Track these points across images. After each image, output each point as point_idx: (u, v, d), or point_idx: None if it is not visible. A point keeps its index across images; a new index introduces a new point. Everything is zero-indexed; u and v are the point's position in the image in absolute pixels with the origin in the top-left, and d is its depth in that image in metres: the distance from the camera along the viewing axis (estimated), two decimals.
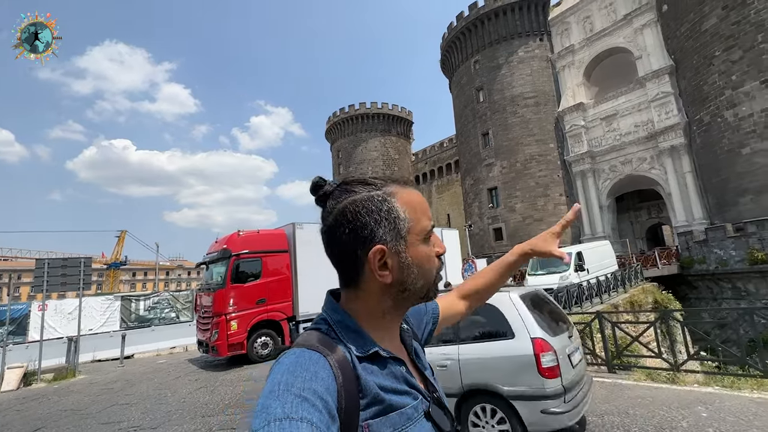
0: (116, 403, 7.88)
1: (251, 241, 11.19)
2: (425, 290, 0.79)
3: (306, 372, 0.63)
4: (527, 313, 4.04)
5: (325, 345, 0.71)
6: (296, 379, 0.61)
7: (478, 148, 38.04)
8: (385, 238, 0.74)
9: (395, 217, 0.75)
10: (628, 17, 30.08)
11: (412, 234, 0.76)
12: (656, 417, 4.54)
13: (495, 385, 3.89)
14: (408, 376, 0.78)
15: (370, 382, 0.70)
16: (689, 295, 22.84)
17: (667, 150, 27.26)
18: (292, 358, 0.67)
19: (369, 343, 0.75)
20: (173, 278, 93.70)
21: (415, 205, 0.78)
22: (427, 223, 0.79)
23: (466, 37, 39.99)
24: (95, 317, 16.08)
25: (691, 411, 4.59)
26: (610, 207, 31.77)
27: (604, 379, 6.37)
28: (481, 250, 35.55)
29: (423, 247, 0.78)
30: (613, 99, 31.20)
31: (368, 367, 0.73)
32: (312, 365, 0.65)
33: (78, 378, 11.23)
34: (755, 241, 19.63)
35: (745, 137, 22.11)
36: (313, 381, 0.62)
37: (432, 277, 0.79)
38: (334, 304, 0.81)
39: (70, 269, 11.79)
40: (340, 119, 58.13)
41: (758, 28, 21.59)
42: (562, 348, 3.98)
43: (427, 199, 0.77)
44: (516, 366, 3.87)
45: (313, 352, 0.69)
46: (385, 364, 0.76)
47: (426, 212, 0.80)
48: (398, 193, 0.78)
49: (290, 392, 0.59)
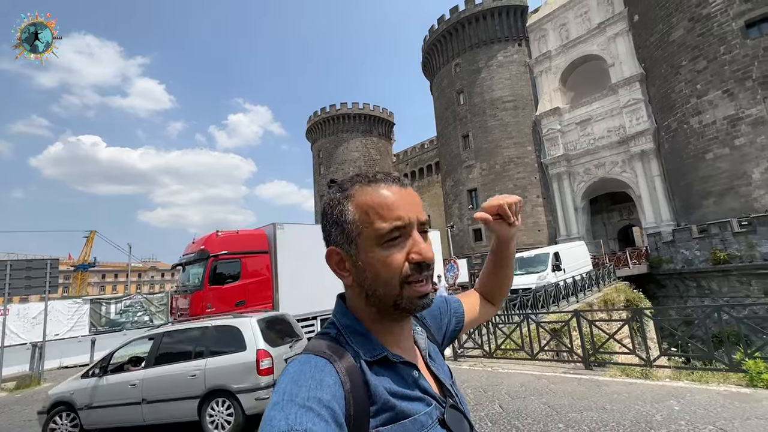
0: None
1: (230, 242, 10.94)
2: (391, 300, 0.71)
3: (311, 380, 0.61)
4: (258, 332, 5.66)
5: (333, 350, 0.69)
6: (300, 389, 0.60)
7: (459, 150, 38.56)
8: (338, 240, 0.74)
9: (343, 221, 0.73)
10: (602, 26, 31.22)
11: (363, 238, 0.71)
12: (632, 411, 4.70)
13: (228, 385, 5.38)
14: (421, 381, 0.74)
15: (379, 388, 0.68)
16: (658, 293, 23.86)
17: (637, 154, 28.41)
18: (297, 366, 0.65)
19: (378, 347, 0.73)
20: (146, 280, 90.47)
21: (370, 206, 0.71)
22: (383, 225, 0.69)
23: (447, 40, 40.48)
24: (62, 321, 15.27)
25: (665, 405, 4.78)
26: (585, 209, 32.83)
27: (582, 375, 6.56)
28: (462, 251, 36.02)
29: (378, 252, 0.70)
30: (587, 104, 32.28)
31: (378, 371, 0.70)
32: (317, 372, 0.63)
33: (43, 386, 10.65)
34: (718, 242, 20.70)
35: (708, 143, 23.30)
36: (319, 389, 0.60)
37: (393, 287, 0.70)
38: (343, 308, 0.79)
39: (34, 271, 11.18)
40: (321, 119, 57.67)
41: (721, 40, 22.82)
42: (280, 355, 5.67)
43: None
44: (243, 369, 5.42)
45: (319, 358, 0.67)
46: (395, 368, 0.73)
47: (386, 213, 0.70)
48: (356, 195, 0.73)
49: (294, 403, 0.57)
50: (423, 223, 0.75)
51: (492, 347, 8.66)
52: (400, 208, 0.71)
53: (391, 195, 0.73)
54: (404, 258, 0.70)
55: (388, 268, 0.70)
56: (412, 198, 0.75)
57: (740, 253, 19.71)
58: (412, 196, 0.76)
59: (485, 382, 6.74)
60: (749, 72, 21.65)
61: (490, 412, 5.18)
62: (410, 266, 0.70)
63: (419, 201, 0.77)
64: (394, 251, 0.70)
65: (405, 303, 0.71)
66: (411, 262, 0.70)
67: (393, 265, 0.70)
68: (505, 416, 4.98)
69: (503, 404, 5.46)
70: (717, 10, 22.99)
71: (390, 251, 0.70)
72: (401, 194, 0.74)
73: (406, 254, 0.70)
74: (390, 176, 0.77)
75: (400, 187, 0.75)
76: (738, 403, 4.56)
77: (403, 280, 0.70)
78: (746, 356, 5.39)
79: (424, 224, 0.75)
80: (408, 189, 0.77)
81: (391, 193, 0.73)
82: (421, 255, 0.70)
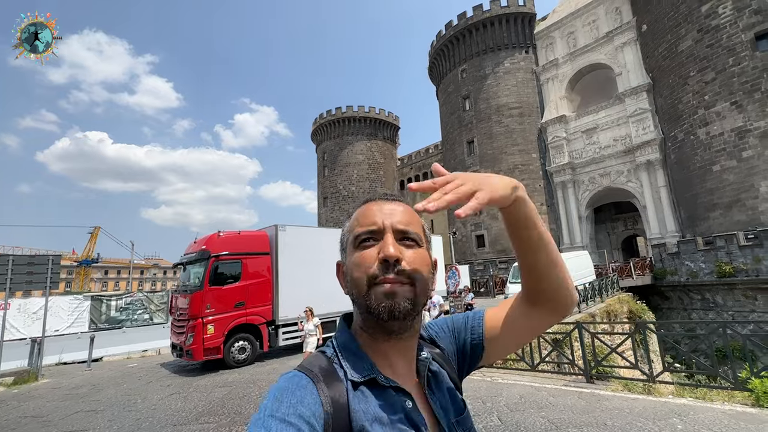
0: (81, 409, 7.48)
1: (231, 243, 10.93)
2: (363, 302, 0.71)
3: (292, 397, 0.63)
4: None
5: (322, 369, 0.70)
6: (281, 405, 0.61)
7: (463, 155, 38.50)
8: (341, 253, 0.82)
9: (341, 235, 0.82)
10: (610, 35, 31.15)
11: (348, 245, 0.78)
12: (633, 429, 4.59)
13: None
14: (411, 413, 0.69)
15: (359, 413, 0.66)
16: (662, 305, 23.61)
17: (643, 164, 28.23)
18: (282, 383, 0.67)
19: (368, 368, 0.72)
20: (148, 278, 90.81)
21: (356, 217, 0.79)
22: (360, 230, 0.75)
23: (455, 45, 40.55)
24: (62, 317, 15.34)
25: (667, 423, 4.67)
26: (589, 218, 32.62)
27: (583, 389, 6.44)
28: (464, 257, 35.87)
29: (354, 253, 0.75)
30: (593, 113, 32.15)
31: (366, 394, 0.69)
32: (299, 390, 0.64)
33: (41, 382, 10.64)
34: (723, 255, 20.47)
35: (715, 155, 23.11)
36: (299, 406, 0.61)
37: (362, 287, 0.71)
38: (343, 325, 0.81)
39: (36, 267, 11.21)
40: (326, 121, 57.83)
41: (729, 51, 22.69)
42: None
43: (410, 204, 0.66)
44: None
45: (304, 376, 0.68)
46: (384, 393, 0.70)
47: (363, 220, 0.77)
48: (354, 213, 0.81)
49: (274, 418, 0.58)
50: (403, 231, 0.75)
51: None
52: (377, 216, 0.76)
53: (373, 207, 0.78)
54: (374, 258, 0.72)
55: (359, 267, 0.73)
56: (395, 209, 0.78)
57: (746, 266, 19.47)
58: (395, 207, 0.79)
59: (484, 392, 6.64)
60: (758, 84, 21.49)
61: (488, 425, 5.09)
62: (378, 265, 0.71)
63: (405, 212, 0.78)
64: (366, 252, 0.74)
65: (373, 304, 0.70)
66: (381, 260, 0.72)
67: (363, 264, 0.72)
68: (504, 430, 4.89)
69: (502, 417, 5.37)
70: (726, 22, 22.88)
71: (362, 252, 0.74)
72: (384, 206, 0.78)
73: (376, 254, 0.72)
74: (385, 195, 0.83)
75: (387, 201, 0.80)
76: (743, 424, 4.44)
77: (371, 279, 0.71)
78: (752, 374, 5.27)
79: (405, 233, 0.75)
80: (395, 202, 0.80)
81: (374, 206, 0.78)
82: (383, 253, 0.71)
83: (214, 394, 7.78)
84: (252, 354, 10.58)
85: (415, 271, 0.72)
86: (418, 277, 0.72)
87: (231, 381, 8.81)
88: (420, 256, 0.75)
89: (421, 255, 0.75)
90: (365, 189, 55.17)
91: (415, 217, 0.79)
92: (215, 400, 7.32)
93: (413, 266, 0.72)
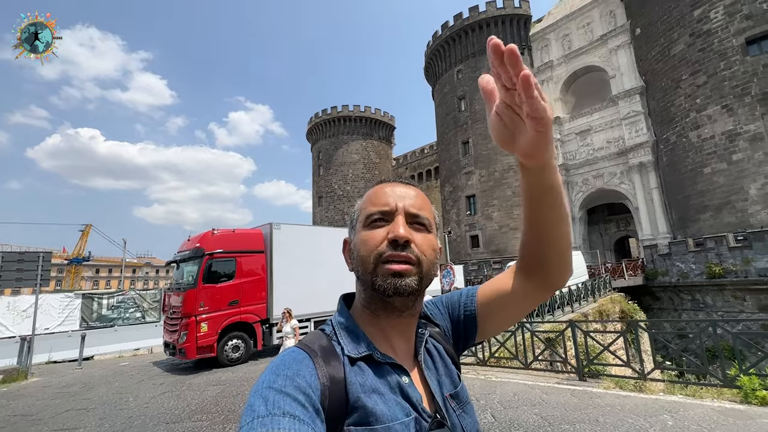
0: (72, 408, 7.39)
1: (226, 241, 10.87)
2: (369, 279, 0.73)
3: (288, 370, 0.64)
4: None
5: (319, 346, 0.72)
6: (278, 377, 0.63)
7: (458, 156, 38.64)
8: (348, 230, 0.84)
9: (352, 212, 0.83)
10: (604, 38, 31.44)
11: (358, 222, 0.79)
12: (625, 425, 4.65)
13: None
14: (407, 388, 0.71)
15: (356, 385, 0.68)
16: (653, 305, 23.88)
17: (636, 166, 28.53)
18: (279, 358, 0.69)
19: (364, 345, 0.74)
20: (140, 276, 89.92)
21: (368, 197, 0.81)
22: (372, 209, 0.77)
23: (451, 46, 40.67)
24: (53, 315, 15.13)
25: (658, 419, 4.74)
26: (582, 219, 32.90)
27: (575, 387, 6.51)
28: (458, 257, 35.99)
29: (363, 232, 0.77)
30: (587, 115, 32.44)
31: (361, 368, 0.71)
32: (295, 364, 0.66)
33: (30, 380, 10.49)
34: (713, 256, 20.76)
35: (706, 158, 23.43)
36: (297, 377, 0.63)
37: (369, 264, 0.73)
38: (342, 305, 0.83)
39: (27, 264, 11.05)
40: (322, 120, 57.71)
41: (721, 56, 23.01)
42: None
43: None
44: None
45: (301, 351, 0.70)
46: (380, 369, 0.72)
47: (376, 200, 0.78)
48: (366, 192, 0.83)
49: (272, 389, 0.60)
50: (415, 215, 0.77)
51: (486, 355, 8.61)
52: (390, 197, 0.77)
53: (386, 188, 0.80)
54: (383, 238, 0.73)
55: (366, 245, 0.74)
56: (408, 192, 0.79)
57: (735, 267, 19.76)
58: (408, 190, 0.80)
59: (478, 390, 6.68)
60: (748, 88, 21.82)
61: (482, 422, 5.12)
62: (386, 244, 0.73)
63: (418, 197, 0.80)
64: (376, 231, 0.75)
65: (379, 281, 0.71)
66: (390, 240, 0.73)
67: (371, 242, 0.74)
68: (498, 426, 4.92)
69: (495, 414, 5.41)
70: (718, 27, 23.20)
71: (372, 231, 0.75)
72: (398, 188, 0.80)
73: (386, 234, 0.74)
74: (399, 179, 0.85)
75: (401, 184, 0.82)
76: (732, 420, 4.52)
77: (378, 257, 0.72)
78: (741, 372, 5.36)
79: (417, 216, 0.77)
80: (408, 186, 0.82)
81: (387, 187, 0.80)
82: (393, 233, 0.73)
83: (207, 393, 7.73)
84: (246, 352, 10.53)
85: (423, 252, 0.74)
86: (425, 259, 0.74)
87: (224, 379, 8.76)
88: (428, 240, 0.77)
89: (429, 239, 0.77)
90: (360, 188, 55.13)
91: (427, 203, 0.81)
92: (208, 398, 7.27)
93: (422, 249, 0.74)
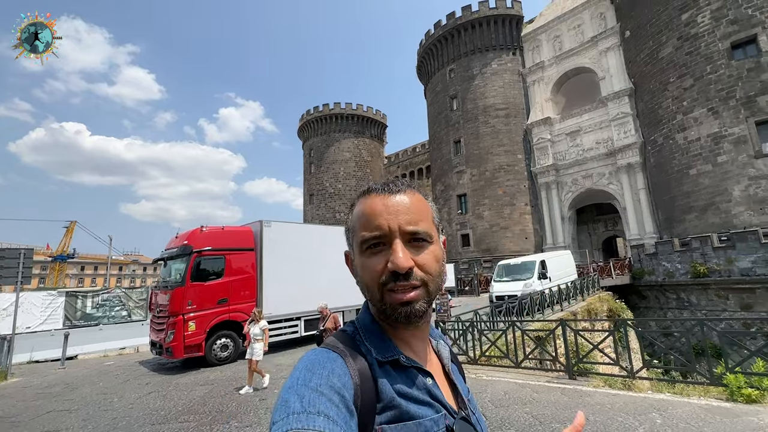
0: (53, 409, 7.19)
1: (214, 238, 10.70)
2: (378, 304, 0.74)
3: (323, 369, 0.65)
4: None
5: (346, 346, 0.73)
6: (313, 375, 0.63)
7: (450, 155, 38.73)
8: (348, 244, 0.82)
9: (347, 228, 0.81)
10: (594, 39, 31.80)
11: (354, 244, 0.78)
12: (615, 423, 4.68)
13: None
14: (433, 389, 0.75)
15: (387, 386, 0.70)
16: (639, 304, 24.29)
17: (624, 167, 28.96)
18: (311, 357, 0.69)
19: (391, 349, 0.75)
20: (127, 274, 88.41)
21: (359, 215, 0.77)
22: (365, 234, 0.74)
23: (443, 45, 40.71)
24: (35, 314, 14.77)
25: (647, 417, 4.78)
26: (571, 218, 33.29)
27: (565, 385, 6.55)
28: (449, 256, 36.10)
29: (363, 258, 0.75)
30: (577, 116, 32.80)
31: (389, 371, 0.72)
32: (329, 363, 0.67)
33: (10, 381, 10.18)
34: (698, 256, 21.19)
35: (692, 159, 23.89)
36: (331, 377, 0.64)
37: (375, 293, 0.73)
38: (365, 309, 0.82)
39: (7, 261, 10.72)
40: (313, 117, 57.32)
41: (707, 59, 23.45)
42: None
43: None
44: None
45: (332, 351, 0.71)
46: (406, 372, 0.74)
47: (368, 222, 0.74)
48: (356, 205, 0.80)
49: (308, 387, 0.61)
50: (412, 233, 0.74)
51: (477, 354, 8.62)
52: (382, 217, 0.73)
53: (377, 204, 0.75)
54: (383, 265, 0.72)
55: (369, 274, 0.73)
56: (401, 204, 0.75)
57: (719, 267, 20.20)
58: (402, 200, 0.76)
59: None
60: (733, 92, 22.28)
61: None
62: (388, 274, 0.71)
63: (412, 206, 0.76)
64: (375, 258, 0.73)
65: (388, 310, 0.72)
66: (390, 271, 0.71)
67: (373, 271, 0.73)
68: (489, 426, 4.91)
69: (487, 413, 5.40)
70: (705, 30, 23.63)
71: (371, 258, 0.74)
72: (389, 201, 0.75)
73: (385, 262, 0.72)
74: (387, 185, 0.79)
75: (393, 193, 0.77)
76: (719, 418, 4.58)
77: (382, 287, 0.72)
78: (727, 371, 5.44)
79: (415, 233, 0.74)
80: (401, 193, 0.77)
81: (378, 203, 0.75)
82: (393, 265, 0.71)
83: (194, 393, 7.60)
84: (234, 351, 10.40)
85: (427, 273, 0.73)
86: (430, 278, 0.74)
87: (212, 379, 8.62)
88: (431, 255, 0.75)
89: (432, 253, 0.75)
90: (352, 187, 54.96)
91: (423, 208, 0.78)
92: (196, 398, 7.14)
93: (425, 269, 0.73)
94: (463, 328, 9.15)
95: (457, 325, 9.37)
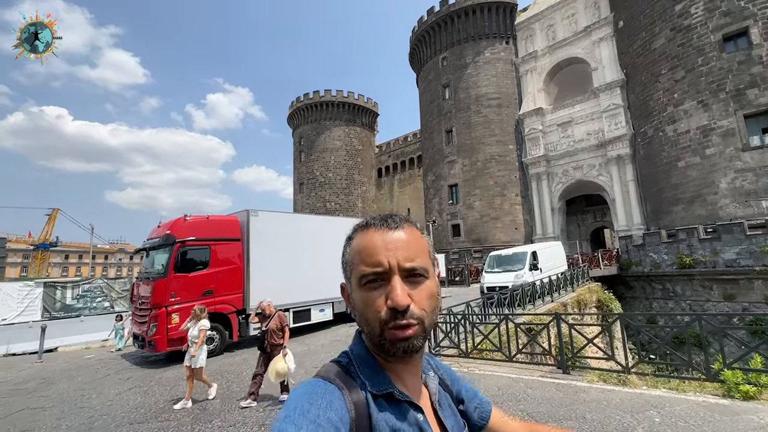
0: (27, 406, 6.84)
1: (199, 228, 10.31)
2: (376, 339, 0.73)
3: (321, 400, 0.65)
4: None
5: (342, 378, 0.73)
6: (312, 407, 0.62)
7: (442, 144, 38.42)
8: (345, 276, 0.81)
9: (344, 261, 0.81)
10: (588, 29, 31.53)
11: (352, 278, 0.77)
12: (613, 422, 4.56)
13: None
14: (424, 425, 0.74)
15: (381, 422, 0.69)
16: (625, 294, 24.63)
17: (614, 159, 29.07)
18: (308, 387, 0.69)
19: (385, 382, 0.74)
20: (113, 263, 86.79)
21: (358, 250, 0.77)
22: (363, 269, 0.74)
23: (436, 32, 40.01)
24: (11, 305, 14.20)
25: (645, 415, 4.67)
26: (561, 209, 33.46)
27: (559, 380, 6.44)
28: (440, 246, 36.11)
29: (359, 292, 0.75)
30: (569, 107, 32.70)
31: (382, 404, 0.72)
32: (328, 395, 0.67)
33: None
34: (684, 247, 21.47)
35: (681, 151, 24.03)
36: (329, 409, 0.63)
37: (374, 328, 0.72)
38: (359, 338, 0.81)
39: None
40: (303, 105, 56.22)
41: (699, 51, 23.42)
42: None
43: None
44: None
45: (329, 383, 0.70)
46: (399, 406, 0.73)
47: (366, 258, 0.74)
48: (354, 238, 0.79)
49: (306, 418, 0.60)
50: (410, 269, 0.73)
51: (469, 347, 8.48)
52: (381, 253, 0.73)
53: (376, 240, 0.75)
54: (383, 302, 0.72)
55: (369, 310, 0.73)
56: (399, 240, 0.75)
57: (705, 258, 20.50)
58: (400, 236, 0.76)
59: None
60: (723, 84, 22.34)
61: None
62: (387, 311, 0.71)
63: (410, 243, 0.76)
64: (374, 294, 0.73)
65: (387, 345, 0.72)
66: (390, 308, 0.71)
67: (372, 307, 0.73)
68: None
69: None
70: (697, 22, 23.54)
71: (371, 294, 0.73)
72: (388, 237, 0.75)
73: (385, 298, 0.72)
74: (385, 221, 0.79)
75: (390, 229, 0.77)
76: (719, 416, 4.48)
77: (382, 323, 0.71)
78: (725, 366, 5.37)
79: (412, 270, 0.74)
80: (399, 230, 0.77)
81: (377, 238, 0.75)
82: (392, 302, 0.70)
83: (178, 388, 7.32)
84: (221, 344, 10.12)
85: (423, 310, 0.73)
86: (425, 315, 0.73)
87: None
88: (427, 291, 0.75)
89: (428, 289, 0.75)
90: (342, 175, 54.39)
91: (420, 243, 0.78)
92: (179, 394, 6.86)
93: (422, 306, 0.73)
94: (455, 321, 9.00)
95: (448, 318, 9.21)
